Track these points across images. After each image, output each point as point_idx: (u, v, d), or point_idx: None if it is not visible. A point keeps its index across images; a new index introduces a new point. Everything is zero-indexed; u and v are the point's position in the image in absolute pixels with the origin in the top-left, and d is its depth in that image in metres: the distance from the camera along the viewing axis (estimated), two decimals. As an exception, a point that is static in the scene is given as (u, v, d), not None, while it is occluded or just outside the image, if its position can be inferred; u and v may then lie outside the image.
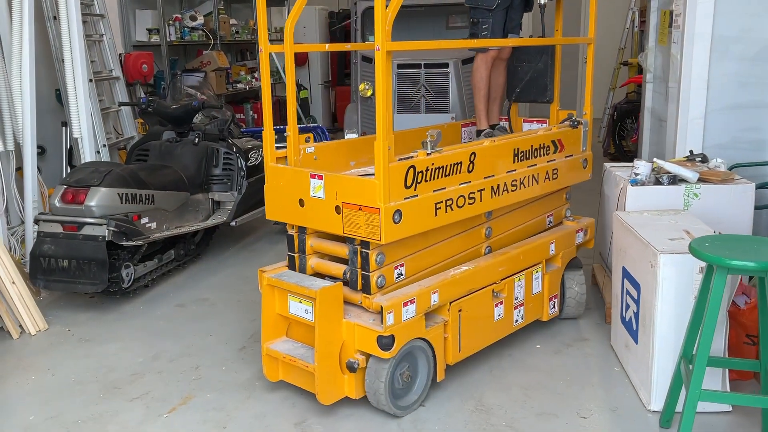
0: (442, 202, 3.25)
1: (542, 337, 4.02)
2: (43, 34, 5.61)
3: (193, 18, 8.58)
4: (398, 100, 7.32)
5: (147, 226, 4.63)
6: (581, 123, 4.15)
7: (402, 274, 3.28)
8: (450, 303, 3.39)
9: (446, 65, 7.16)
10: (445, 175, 3.27)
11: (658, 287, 3.13)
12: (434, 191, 3.22)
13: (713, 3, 4.42)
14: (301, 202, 3.28)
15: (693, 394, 2.69)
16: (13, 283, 4.19)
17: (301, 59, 11.06)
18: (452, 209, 3.31)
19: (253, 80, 9.52)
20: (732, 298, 3.17)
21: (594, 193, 4.90)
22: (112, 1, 7.12)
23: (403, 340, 3.13)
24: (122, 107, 6.45)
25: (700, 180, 4.01)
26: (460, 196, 3.34)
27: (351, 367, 3.13)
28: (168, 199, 4.86)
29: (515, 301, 3.80)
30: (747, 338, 3.47)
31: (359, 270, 3.15)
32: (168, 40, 7.93)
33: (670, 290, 3.10)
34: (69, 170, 5.95)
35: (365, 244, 3.10)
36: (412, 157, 3.12)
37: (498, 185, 3.56)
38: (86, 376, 3.70)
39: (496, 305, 3.67)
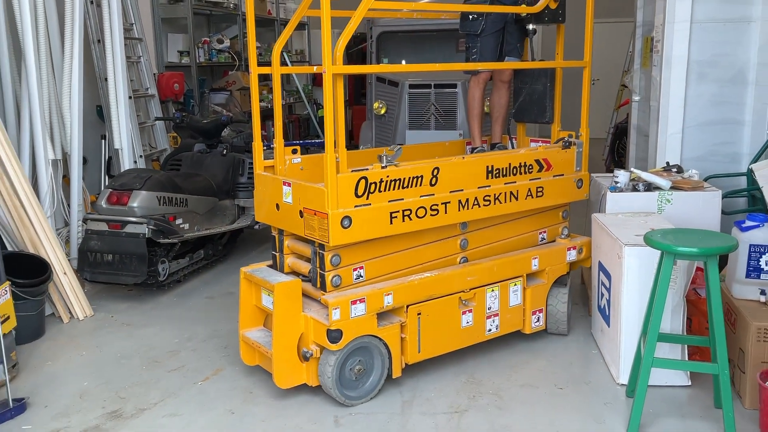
0: (398, 211, 3.51)
1: (531, 325, 4.51)
2: (88, 56, 6.22)
3: (220, 41, 9.21)
4: (410, 118, 7.85)
5: (181, 226, 5.19)
6: (574, 144, 4.29)
7: (362, 276, 3.57)
8: (407, 306, 3.63)
9: (455, 86, 7.69)
10: (403, 187, 3.54)
11: (624, 276, 3.63)
12: (390, 201, 3.49)
13: (688, 31, 4.94)
14: (277, 207, 3.68)
15: (647, 361, 3.18)
16: (65, 274, 4.76)
17: (320, 79, 11.66)
18: (411, 219, 3.57)
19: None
20: (688, 286, 3.65)
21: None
22: (148, 25, 7.73)
23: (352, 335, 3.43)
24: (157, 122, 7.06)
25: (673, 187, 4.50)
26: (420, 207, 3.59)
27: (305, 356, 3.48)
28: (199, 203, 5.43)
29: (488, 311, 3.94)
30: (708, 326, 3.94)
31: (318, 269, 3.51)
32: (197, 61, 8.55)
33: (634, 278, 3.60)
34: (107, 179, 6.55)
35: (322, 246, 3.42)
36: (367, 169, 3.44)
37: (467, 199, 3.76)
38: (129, 352, 4.25)
39: (464, 313, 3.84)
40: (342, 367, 3.48)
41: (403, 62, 8.19)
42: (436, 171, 3.65)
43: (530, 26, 4.29)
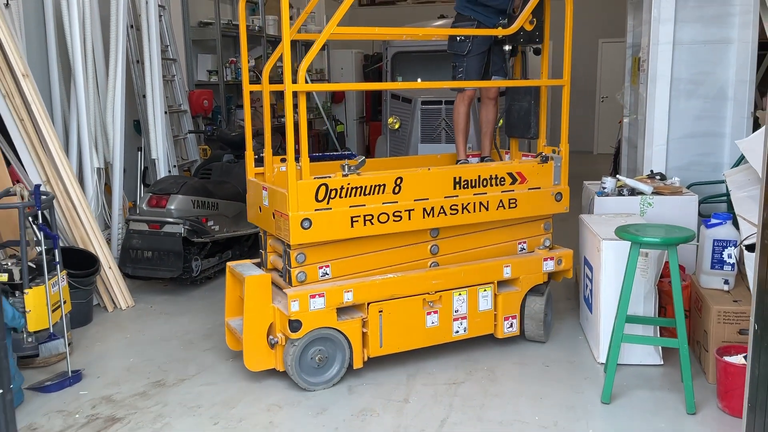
0: (359, 216, 3.84)
1: (526, 316, 5.01)
2: (127, 75, 6.84)
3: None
4: (422, 132, 8.39)
5: (212, 227, 5.77)
6: (552, 158, 4.43)
7: (327, 274, 3.92)
8: (368, 303, 3.94)
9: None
10: (365, 194, 3.86)
11: (602, 267, 4.14)
12: (351, 206, 3.83)
13: (671, 52, 5.46)
14: (260, 209, 4.12)
15: (616, 336, 3.69)
16: (110, 268, 5.34)
17: (338, 97, 12.29)
18: (372, 223, 3.88)
19: (295, 115, 10.73)
20: (659, 275, 4.14)
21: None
22: (181, 47, 8.37)
23: (311, 326, 3.79)
24: (189, 135, 7.68)
25: (655, 192, 5.00)
26: (382, 213, 3.89)
27: (270, 343, 3.88)
28: (228, 207, 6.01)
29: (455, 314, 4.18)
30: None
31: (285, 266, 3.92)
32: (224, 79, 9.17)
33: (611, 269, 4.10)
34: (143, 188, 7.15)
35: (290, 245, 3.80)
36: (328, 177, 3.82)
37: (432, 207, 4.03)
38: (168, 335, 4.81)
39: (429, 313, 4.10)
40: (303, 354, 3.86)
41: (419, 80, 8.70)
42: (399, 180, 3.95)
43: (506, 47, 4.50)
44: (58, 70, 6.04)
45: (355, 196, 3.87)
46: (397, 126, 8.79)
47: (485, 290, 4.26)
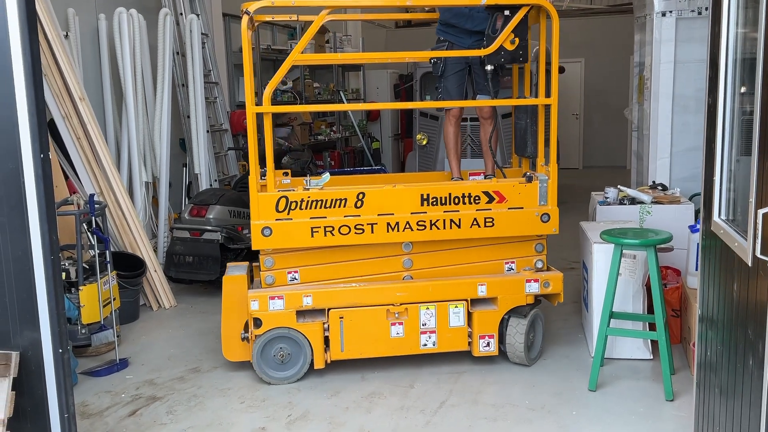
0: (319, 227, 4.12)
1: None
2: (173, 97, 7.48)
3: (284, 83, 10.46)
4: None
5: (247, 235, 6.29)
6: (537, 178, 4.33)
7: (296, 279, 4.26)
8: (328, 309, 4.20)
9: (488, 119, 8.67)
10: (326, 207, 4.13)
11: (594, 268, 4.51)
12: (311, 218, 4.11)
13: (672, 71, 5.81)
14: None
15: (601, 329, 4.07)
16: (155, 271, 5.92)
17: (374, 115, 12.83)
18: (333, 235, 4.14)
19: (332, 133, 11.29)
20: (646, 276, 4.49)
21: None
22: (223, 70, 9.00)
23: (270, 324, 4.16)
24: (229, 152, 8.29)
25: (654, 202, 5.35)
26: (342, 226, 4.13)
27: (242, 337, 4.34)
28: (262, 217, 6.54)
29: (422, 327, 4.28)
30: (672, 312, 4.76)
31: (259, 269, 4.34)
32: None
33: (602, 270, 4.47)
34: (187, 201, 7.76)
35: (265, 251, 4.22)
36: (291, 190, 4.16)
37: (397, 223, 4.18)
38: (206, 331, 5.34)
39: (393, 324, 4.24)
40: (266, 350, 4.24)
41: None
42: (361, 195, 4.17)
43: (488, 67, 4.42)
44: (111, 93, 6.71)
45: (315, 208, 4.15)
46: (425, 142, 9.25)
47: (456, 306, 4.29)
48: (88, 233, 5.00)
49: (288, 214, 4.14)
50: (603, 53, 14.19)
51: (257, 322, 4.23)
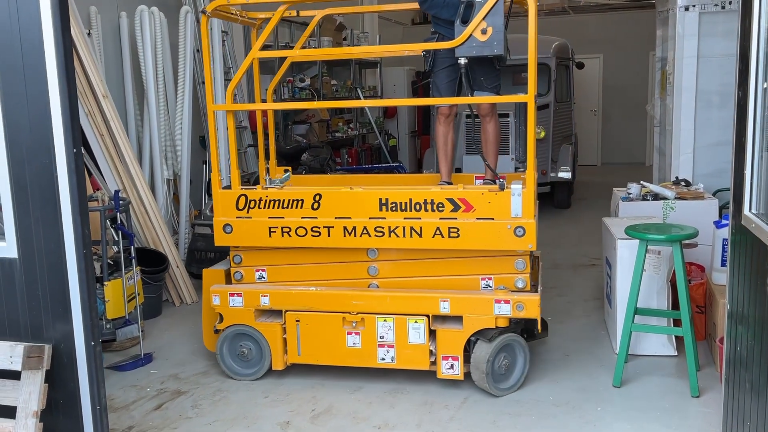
0: (277, 227, 4.06)
1: (555, 313, 5.37)
2: (193, 94, 7.52)
3: (302, 80, 10.48)
4: (466, 145, 8.82)
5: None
6: (508, 187, 3.83)
7: (264, 277, 4.27)
8: (285, 311, 4.15)
9: (507, 115, 8.62)
10: (284, 207, 4.05)
11: (618, 264, 4.49)
12: (269, 218, 4.07)
13: (695, 66, 5.77)
14: None
15: (626, 325, 4.05)
16: (177, 267, 5.96)
17: (391, 112, 12.83)
18: (290, 236, 4.06)
19: (349, 130, 11.31)
20: (671, 272, 4.46)
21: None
22: (242, 68, 9.05)
23: (231, 321, 4.22)
24: (249, 149, 8.32)
25: (677, 197, 5.32)
26: (299, 227, 4.04)
27: (214, 330, 4.38)
28: (283, 213, 6.56)
29: (380, 340, 4.04)
30: (697, 308, 4.73)
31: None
32: (282, 98, 9.83)
33: (626, 265, 4.45)
34: (207, 198, 7.80)
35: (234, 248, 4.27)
36: (252, 188, 4.16)
37: (354, 227, 3.98)
38: (228, 326, 5.37)
39: (350, 333, 4.08)
40: (230, 345, 4.31)
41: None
42: (318, 197, 4.03)
43: (461, 60, 3.96)
44: (133, 91, 6.75)
45: (273, 208, 4.10)
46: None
47: (416, 322, 3.97)
48: (113, 229, 5.04)
49: (248, 212, 4.14)
50: (622, 49, 14.12)
51: (220, 317, 4.30)
